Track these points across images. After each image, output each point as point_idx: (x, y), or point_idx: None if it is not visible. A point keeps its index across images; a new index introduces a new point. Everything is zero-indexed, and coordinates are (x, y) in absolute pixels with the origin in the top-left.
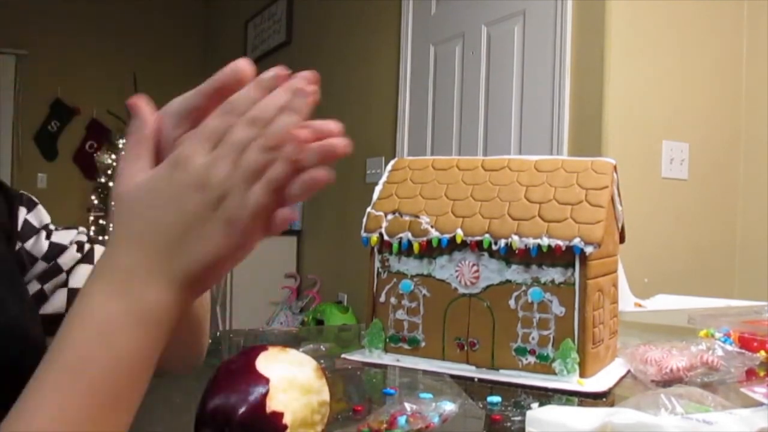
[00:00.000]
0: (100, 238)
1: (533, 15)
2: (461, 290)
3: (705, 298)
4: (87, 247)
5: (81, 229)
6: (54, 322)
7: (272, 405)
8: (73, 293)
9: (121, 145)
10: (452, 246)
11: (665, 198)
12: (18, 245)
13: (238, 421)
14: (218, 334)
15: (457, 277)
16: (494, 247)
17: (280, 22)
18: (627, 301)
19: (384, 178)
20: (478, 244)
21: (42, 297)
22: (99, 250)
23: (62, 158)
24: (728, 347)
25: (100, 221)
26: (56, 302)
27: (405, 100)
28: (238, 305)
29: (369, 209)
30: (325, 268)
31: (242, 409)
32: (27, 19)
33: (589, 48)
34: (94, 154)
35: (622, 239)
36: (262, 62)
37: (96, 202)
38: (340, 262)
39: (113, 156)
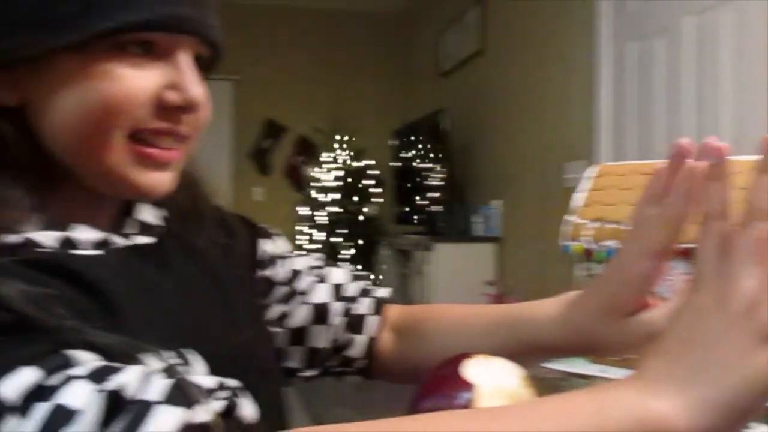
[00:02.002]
0: (308, 246)
1: None
2: None
3: None
4: (322, 271)
5: (316, 255)
6: (299, 333)
7: None
8: (316, 307)
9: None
10: None
11: None
12: (259, 273)
13: None
14: None
15: (668, 286)
16: None
17: (473, 31)
18: None
19: (587, 185)
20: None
21: (284, 315)
22: (333, 271)
23: (274, 173)
24: None
25: (304, 230)
26: (300, 317)
27: (606, 101)
28: None
29: (571, 216)
30: (525, 276)
31: None
32: (241, 46)
33: None
34: (302, 169)
35: None
36: (454, 74)
37: (301, 213)
38: (539, 269)
39: (316, 169)
